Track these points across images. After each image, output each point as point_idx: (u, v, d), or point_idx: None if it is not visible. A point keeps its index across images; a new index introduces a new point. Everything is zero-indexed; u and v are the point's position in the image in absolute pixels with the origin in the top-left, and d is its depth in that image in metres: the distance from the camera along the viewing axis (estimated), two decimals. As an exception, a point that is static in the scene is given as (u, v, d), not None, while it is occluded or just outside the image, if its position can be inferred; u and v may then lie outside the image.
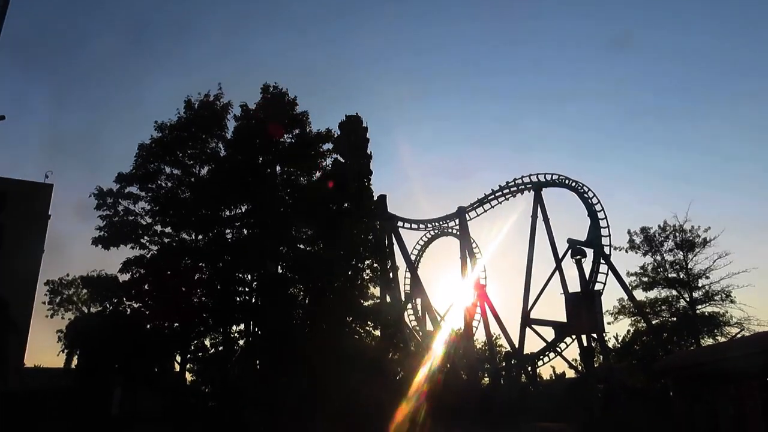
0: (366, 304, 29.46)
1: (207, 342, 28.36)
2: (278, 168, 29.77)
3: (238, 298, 27.73)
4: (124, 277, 27.17)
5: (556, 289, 54.35)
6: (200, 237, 28.29)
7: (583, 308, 22.56)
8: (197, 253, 27.74)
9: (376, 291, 31.63)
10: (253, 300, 27.80)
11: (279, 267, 27.62)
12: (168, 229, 28.45)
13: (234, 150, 28.94)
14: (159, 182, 28.39)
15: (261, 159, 29.60)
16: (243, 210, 29.04)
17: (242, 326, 28.69)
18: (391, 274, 42.19)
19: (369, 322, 29.49)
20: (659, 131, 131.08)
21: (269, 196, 27.66)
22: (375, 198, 46.38)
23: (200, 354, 28.47)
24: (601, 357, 54.08)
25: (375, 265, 31.33)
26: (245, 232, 28.47)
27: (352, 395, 29.43)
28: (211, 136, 29.32)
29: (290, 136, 29.82)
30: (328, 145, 30.34)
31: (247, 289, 28.08)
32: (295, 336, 26.44)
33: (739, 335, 26.00)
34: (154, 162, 28.31)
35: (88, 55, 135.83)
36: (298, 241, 26.90)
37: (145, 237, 27.81)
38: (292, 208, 27.93)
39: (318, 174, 30.16)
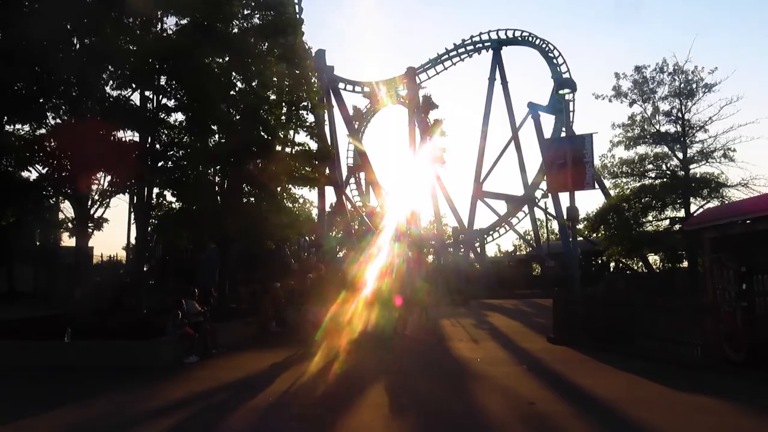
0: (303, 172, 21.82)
1: None
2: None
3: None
4: None
5: (512, 161, 50.10)
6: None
7: (569, 156, 17.22)
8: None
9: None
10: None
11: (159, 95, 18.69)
12: None
13: None
14: None
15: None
16: None
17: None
18: (328, 129, 35.42)
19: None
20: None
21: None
22: (312, 52, 38.35)
23: None
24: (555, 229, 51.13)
25: (307, 115, 24.36)
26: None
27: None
28: None
29: None
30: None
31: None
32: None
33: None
34: None
35: None
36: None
37: None
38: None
39: None
